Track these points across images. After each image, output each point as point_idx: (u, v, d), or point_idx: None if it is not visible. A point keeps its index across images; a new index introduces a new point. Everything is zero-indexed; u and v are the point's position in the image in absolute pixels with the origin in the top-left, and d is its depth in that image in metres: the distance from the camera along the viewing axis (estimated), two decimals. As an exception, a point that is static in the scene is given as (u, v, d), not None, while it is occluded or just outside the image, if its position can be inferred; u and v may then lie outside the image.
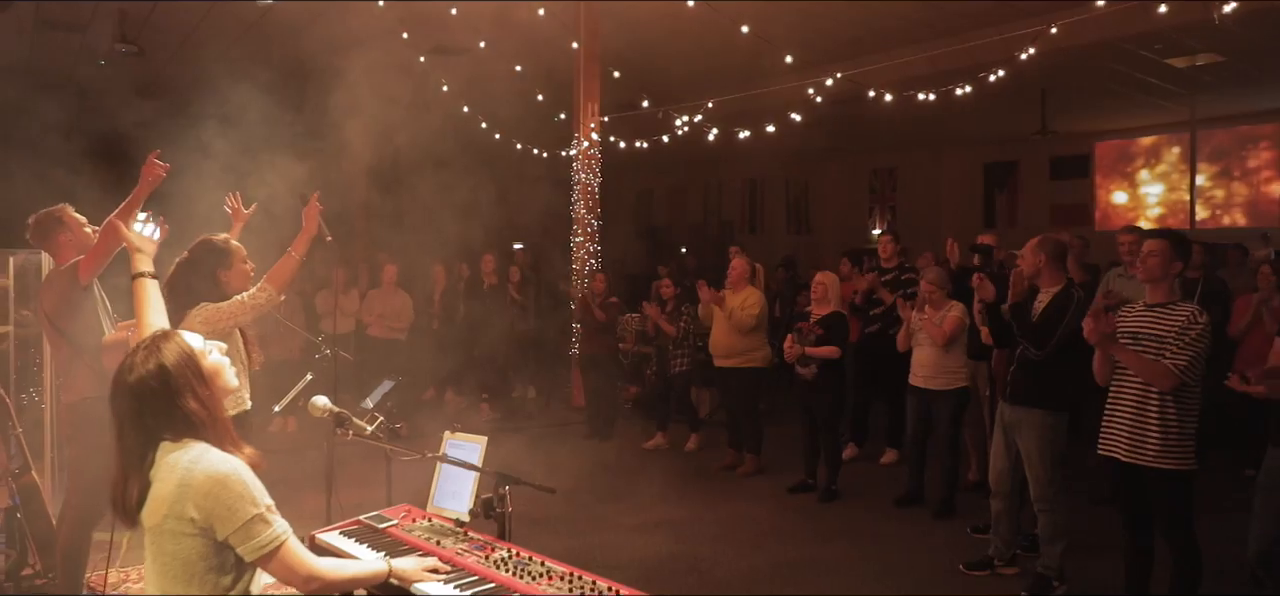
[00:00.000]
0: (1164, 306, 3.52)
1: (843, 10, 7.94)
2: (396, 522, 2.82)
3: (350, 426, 2.59)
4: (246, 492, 1.95)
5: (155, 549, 1.97)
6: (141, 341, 2.05)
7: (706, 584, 4.53)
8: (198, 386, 1.99)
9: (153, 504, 1.94)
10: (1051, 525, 4.24)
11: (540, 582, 2.30)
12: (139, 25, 9.20)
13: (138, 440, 1.95)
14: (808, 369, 5.93)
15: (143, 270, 2.48)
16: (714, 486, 6.40)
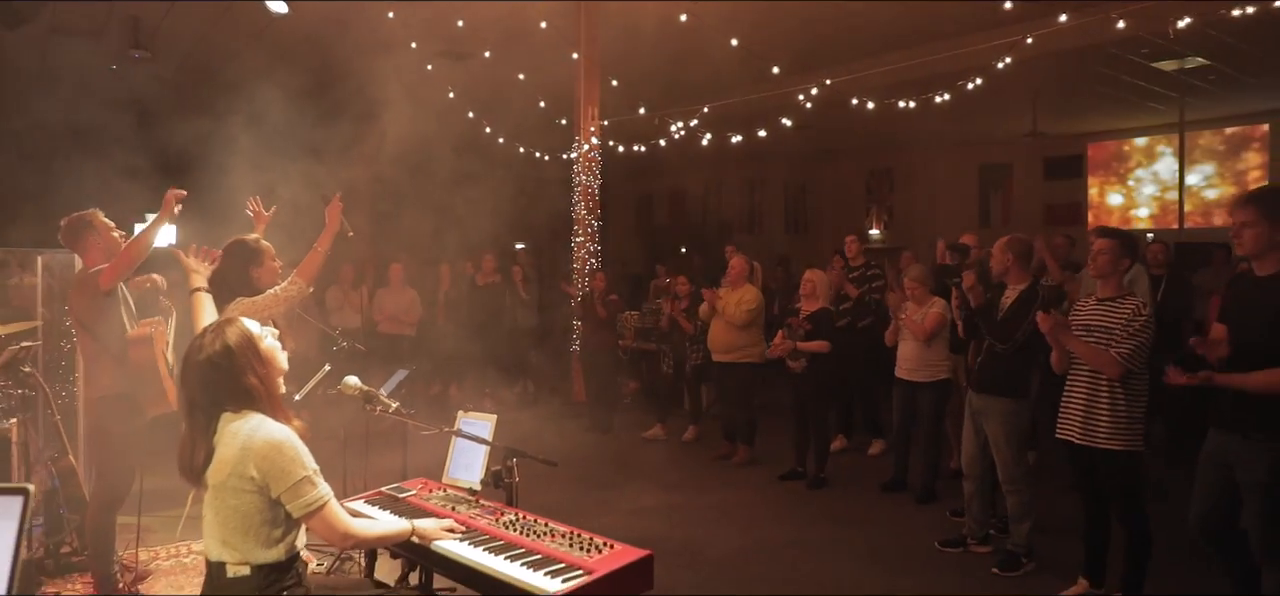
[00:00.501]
0: (1113, 300, 3.86)
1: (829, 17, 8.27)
2: (414, 493, 3.16)
3: (378, 403, 2.93)
4: (297, 457, 2.29)
5: (218, 504, 2.31)
6: (209, 326, 2.39)
7: (700, 562, 4.86)
8: (257, 365, 2.34)
9: (217, 465, 2.29)
10: (1019, 505, 4.58)
11: (544, 539, 2.64)
12: (151, 32, 9.55)
13: (204, 410, 2.30)
14: (797, 362, 6.26)
15: (197, 286, 2.86)
16: (709, 474, 6.74)
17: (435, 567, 2.74)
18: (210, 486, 2.32)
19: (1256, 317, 3.32)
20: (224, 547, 2.32)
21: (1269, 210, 3.28)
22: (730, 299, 6.86)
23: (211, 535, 2.35)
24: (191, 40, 9.52)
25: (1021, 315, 4.42)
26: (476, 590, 2.57)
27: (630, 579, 2.47)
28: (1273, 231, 3.27)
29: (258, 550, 2.32)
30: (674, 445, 7.71)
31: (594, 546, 2.58)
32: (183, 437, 2.34)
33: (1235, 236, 3.40)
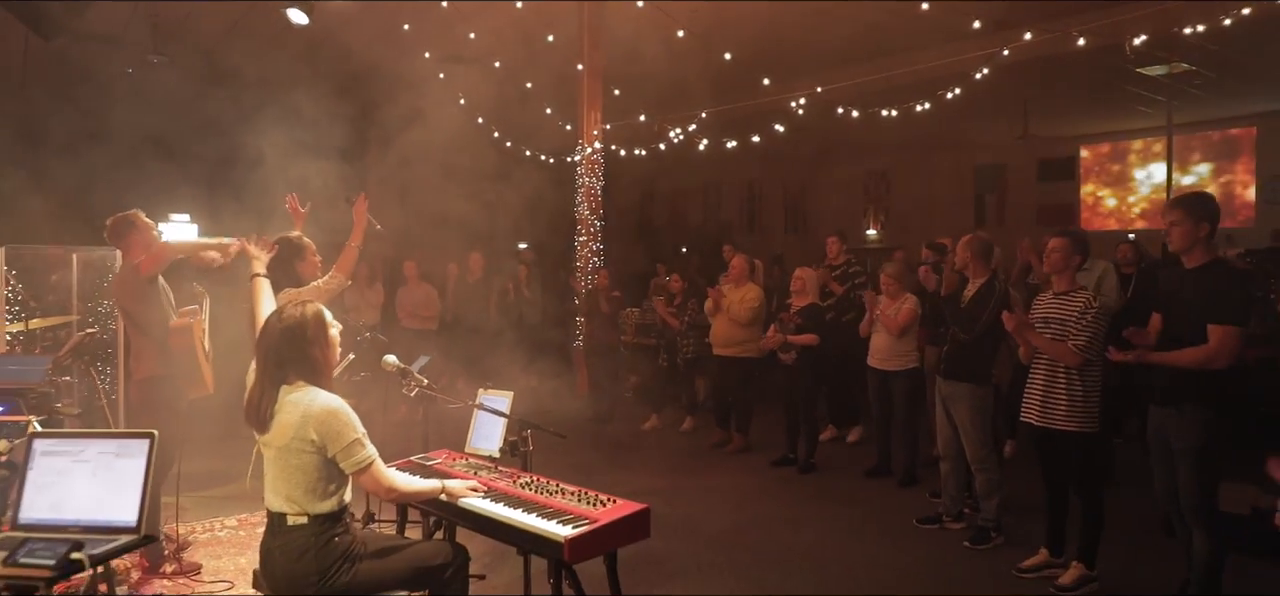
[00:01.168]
0: (1066, 293, 4.30)
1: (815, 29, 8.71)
2: (439, 462, 3.61)
3: (412, 380, 3.37)
4: (350, 423, 2.75)
5: (282, 463, 2.76)
6: (290, 301, 2.85)
7: (697, 535, 5.30)
8: (322, 343, 2.79)
9: (280, 430, 2.73)
10: (987, 483, 5.02)
11: (556, 497, 3.09)
12: (168, 38, 10.00)
13: (275, 368, 2.75)
14: (788, 355, 6.71)
15: (258, 272, 3.32)
16: (705, 461, 7.19)
17: (461, 522, 3.18)
18: (273, 448, 2.77)
19: (1185, 304, 3.78)
20: (286, 500, 2.77)
21: (1193, 211, 3.73)
22: (734, 296, 7.29)
23: (274, 490, 2.80)
24: (211, 45, 9.94)
25: (981, 307, 4.87)
26: (498, 538, 3.01)
27: (629, 527, 2.91)
28: (1196, 229, 3.72)
29: (314, 502, 2.77)
30: (672, 434, 8.16)
31: (599, 501, 3.02)
32: (251, 388, 2.80)
33: (1167, 234, 3.85)
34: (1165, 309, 3.91)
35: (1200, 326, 3.67)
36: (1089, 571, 4.34)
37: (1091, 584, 4.32)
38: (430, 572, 2.95)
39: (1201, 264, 3.79)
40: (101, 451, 2.36)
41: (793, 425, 6.90)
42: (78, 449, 2.39)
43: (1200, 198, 3.83)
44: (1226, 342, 3.59)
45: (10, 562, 2.05)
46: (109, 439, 2.44)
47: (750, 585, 4.49)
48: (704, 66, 8.88)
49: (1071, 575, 4.35)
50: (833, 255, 7.77)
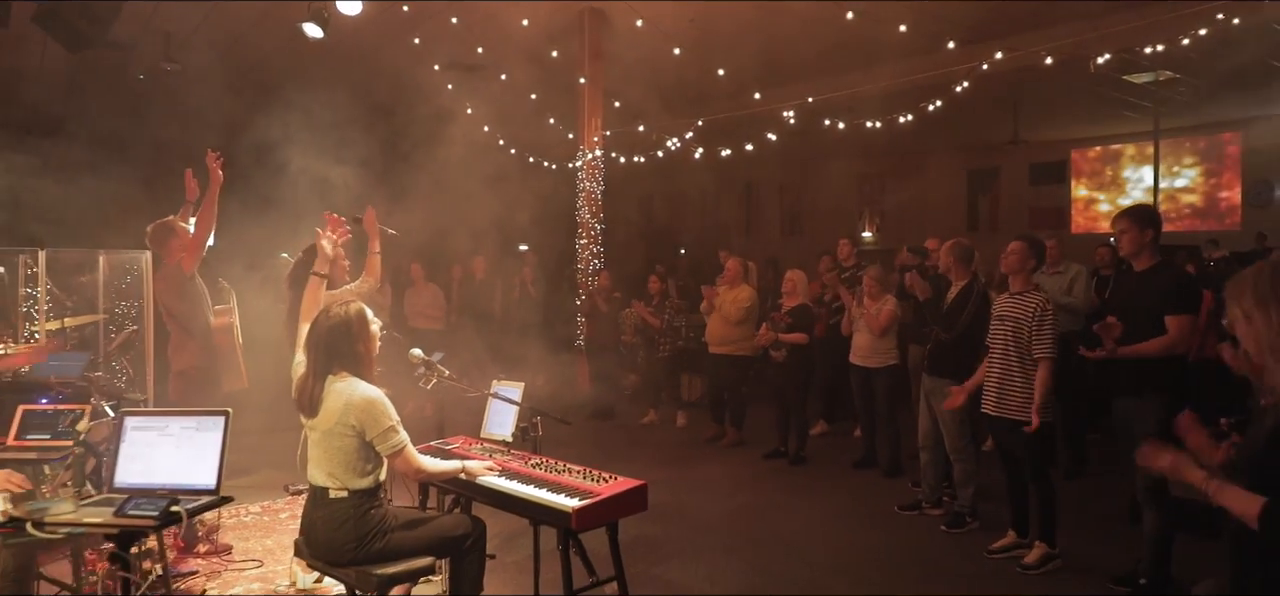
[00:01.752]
0: (1022, 293, 4.71)
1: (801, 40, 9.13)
2: (457, 446, 4.01)
3: (435, 371, 3.76)
4: (386, 411, 3.14)
5: (326, 444, 3.15)
6: (337, 301, 3.24)
7: (692, 521, 5.70)
8: (365, 338, 3.20)
9: (325, 415, 3.13)
10: (963, 472, 5.42)
11: (563, 475, 3.49)
12: (182, 45, 10.38)
13: (324, 360, 3.15)
14: (779, 353, 7.11)
15: (319, 271, 3.72)
16: (700, 454, 7.59)
17: (478, 498, 3.57)
18: (319, 431, 3.16)
19: (1138, 302, 4.19)
20: (328, 476, 3.17)
21: (1138, 220, 4.15)
22: (727, 297, 7.70)
23: (317, 466, 3.20)
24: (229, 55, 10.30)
25: (961, 307, 5.27)
26: (513, 511, 3.41)
27: (629, 500, 3.31)
28: (1142, 235, 4.14)
29: (353, 479, 3.16)
30: (670, 429, 8.57)
31: (601, 478, 3.42)
32: (302, 376, 3.19)
33: (1116, 241, 4.26)
34: (1120, 311, 4.31)
35: (1157, 320, 4.08)
36: (1051, 550, 4.74)
37: (1054, 561, 4.72)
38: (452, 542, 3.35)
39: (1150, 266, 4.20)
40: (183, 427, 2.77)
41: (783, 419, 7.30)
42: (163, 424, 2.80)
43: (1144, 208, 4.26)
44: (1184, 329, 4.02)
45: (120, 513, 2.46)
46: (190, 416, 2.85)
47: (743, 565, 4.89)
48: (698, 79, 9.29)
49: (1035, 554, 4.75)
50: (845, 257, 8.13)
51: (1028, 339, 4.62)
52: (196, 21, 9.78)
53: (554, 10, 9.05)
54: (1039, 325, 4.58)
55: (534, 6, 8.37)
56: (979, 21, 8.25)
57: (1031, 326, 4.60)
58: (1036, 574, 4.67)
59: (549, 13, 8.87)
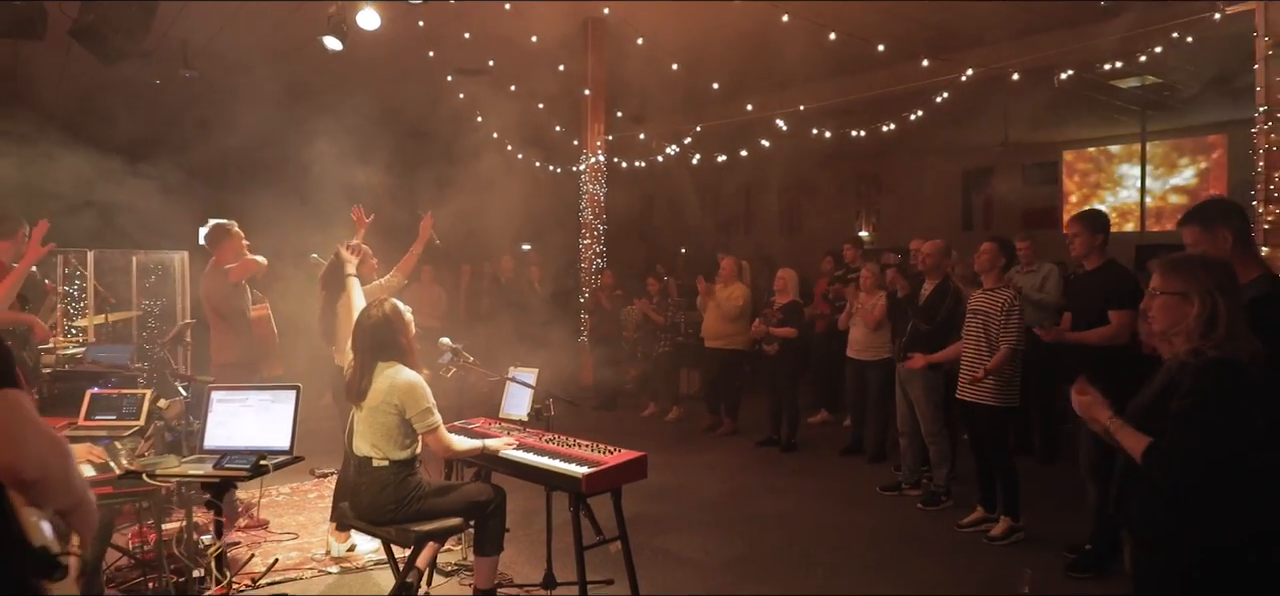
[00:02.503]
0: (993, 290, 5.24)
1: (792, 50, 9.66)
2: (478, 426, 4.54)
3: (462, 355, 4.29)
4: (425, 394, 3.67)
5: (371, 420, 3.67)
6: (376, 300, 3.77)
7: (690, 500, 6.23)
8: (403, 330, 3.72)
9: (372, 395, 3.65)
10: (938, 453, 5.94)
11: (574, 448, 4.01)
12: (199, 52, 10.90)
13: (369, 353, 3.67)
14: (772, 346, 7.64)
15: (350, 273, 4.25)
16: (698, 442, 8.13)
17: (497, 468, 4.09)
18: (366, 409, 3.69)
19: (1087, 299, 4.71)
20: (372, 447, 3.70)
21: (1089, 225, 4.67)
22: (722, 293, 8.23)
23: (363, 439, 3.72)
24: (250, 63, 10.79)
25: (938, 302, 5.80)
26: (529, 479, 3.93)
27: (632, 469, 3.82)
28: (1093, 239, 4.66)
29: (394, 451, 3.69)
30: (667, 420, 9.10)
31: (607, 450, 3.94)
32: (352, 370, 3.72)
33: (1069, 244, 4.78)
34: (1072, 306, 4.83)
35: (1102, 314, 4.60)
36: (1016, 523, 5.26)
37: (1018, 533, 5.25)
38: (478, 506, 3.87)
39: (1098, 265, 4.72)
40: (261, 399, 3.31)
41: (775, 409, 7.82)
42: (243, 397, 3.33)
43: (1095, 213, 4.77)
44: (1124, 322, 4.53)
45: (219, 466, 2.99)
46: (266, 389, 3.38)
47: (735, 537, 5.41)
48: (695, 87, 9.81)
49: (1001, 527, 5.27)
50: (851, 258, 8.65)
51: (997, 331, 5.14)
52: (214, 29, 10.29)
53: (559, 19, 9.57)
54: (1006, 318, 5.10)
55: (541, 19, 8.90)
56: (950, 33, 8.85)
57: (1000, 319, 5.12)
58: (1001, 544, 5.20)
59: (553, 22, 9.39)
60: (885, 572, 4.84)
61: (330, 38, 8.12)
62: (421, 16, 7.59)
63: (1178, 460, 2.61)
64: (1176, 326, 2.75)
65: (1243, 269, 3.30)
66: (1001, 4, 8.38)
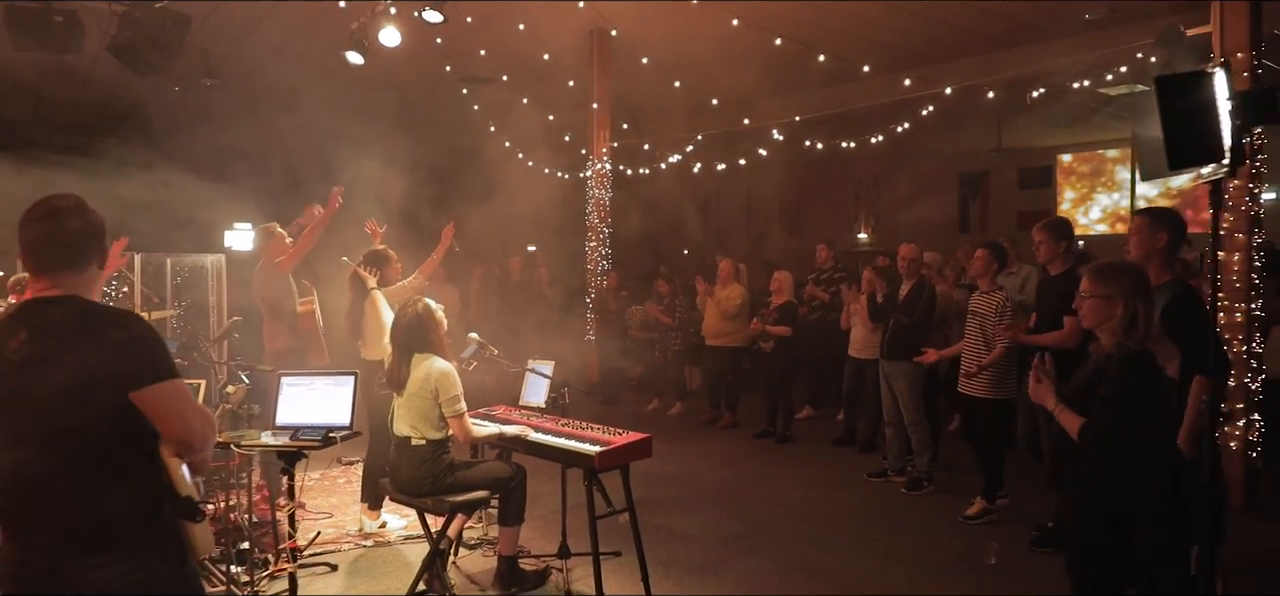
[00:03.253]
0: (987, 292, 5.77)
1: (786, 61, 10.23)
2: (500, 413, 5.08)
3: (488, 347, 4.83)
4: (455, 382, 4.21)
5: (410, 405, 4.21)
6: (412, 299, 4.31)
7: (691, 485, 6.77)
8: (435, 326, 4.27)
9: (412, 382, 4.20)
10: (920, 441, 6.48)
11: (587, 430, 4.55)
12: (219, 59, 11.44)
13: (407, 346, 4.22)
14: (768, 344, 8.18)
15: (372, 286, 4.80)
16: (699, 434, 8.67)
17: (516, 448, 4.62)
18: (406, 395, 4.23)
19: (1049, 302, 5.23)
20: (411, 429, 4.24)
21: (1054, 233, 5.19)
22: (721, 294, 8.77)
23: (403, 421, 4.26)
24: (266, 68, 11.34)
25: (916, 299, 6.33)
26: (547, 458, 4.47)
27: (638, 448, 4.35)
28: (1056, 246, 5.18)
29: (430, 431, 4.23)
30: (671, 414, 9.64)
31: (616, 432, 4.47)
32: (391, 362, 4.26)
33: (1035, 250, 5.31)
34: (1038, 308, 5.36)
35: (1059, 318, 5.12)
36: (989, 505, 5.79)
37: (991, 514, 5.78)
38: (502, 481, 4.41)
39: (1062, 271, 5.24)
40: (325, 383, 3.85)
41: (772, 403, 8.36)
42: (309, 382, 3.87)
43: (1060, 222, 5.30)
44: (1075, 328, 5.04)
45: (295, 437, 3.53)
46: (329, 375, 3.92)
47: (732, 517, 5.95)
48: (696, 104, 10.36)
49: (976, 508, 5.81)
50: (821, 261, 9.23)
51: (992, 330, 5.66)
52: (236, 37, 10.84)
53: (565, 30, 10.11)
54: (1000, 318, 5.63)
55: (549, 33, 9.45)
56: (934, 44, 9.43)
57: (995, 319, 5.64)
58: (975, 523, 5.73)
59: (563, 39, 9.94)
60: (867, 546, 5.38)
61: (352, 52, 8.67)
62: (439, 34, 8.11)
63: (1106, 436, 3.15)
64: (1103, 324, 3.30)
65: (1163, 271, 3.85)
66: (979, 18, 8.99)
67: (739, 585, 4.75)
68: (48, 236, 2.14)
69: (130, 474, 2.17)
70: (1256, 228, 6.19)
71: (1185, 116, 2.29)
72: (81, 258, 2.18)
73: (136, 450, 2.17)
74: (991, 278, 5.89)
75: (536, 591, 4.59)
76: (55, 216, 2.17)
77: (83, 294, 2.17)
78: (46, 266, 2.15)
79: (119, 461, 2.14)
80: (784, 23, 8.89)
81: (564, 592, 4.57)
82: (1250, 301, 6.13)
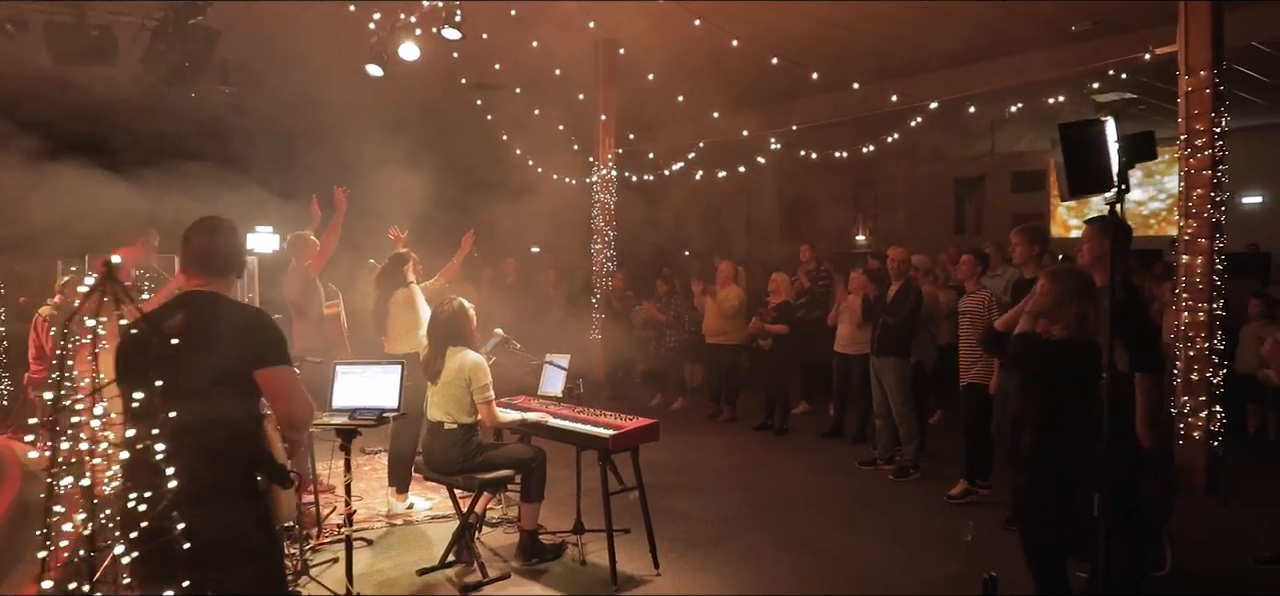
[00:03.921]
0: (974, 292, 6.34)
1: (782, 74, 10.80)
2: (520, 402, 5.61)
3: (509, 345, 5.36)
4: (485, 372, 4.75)
5: (444, 392, 4.75)
6: (448, 298, 4.85)
7: (694, 472, 7.31)
8: (467, 321, 4.80)
9: (446, 372, 4.73)
10: (907, 431, 7.01)
11: (601, 416, 5.08)
12: (239, 68, 11.96)
13: (442, 341, 4.75)
14: (766, 342, 8.72)
15: (410, 280, 5.33)
16: (700, 428, 9.21)
17: (536, 433, 5.15)
18: (440, 384, 4.76)
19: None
20: (444, 414, 4.77)
21: (1028, 236, 5.73)
22: (721, 294, 9.31)
23: (437, 407, 4.80)
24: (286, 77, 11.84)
25: (902, 300, 6.87)
26: (565, 441, 5.00)
27: (647, 432, 4.89)
28: (1030, 249, 5.72)
29: (461, 416, 4.77)
30: (673, 410, 10.18)
31: (627, 417, 5.02)
32: (428, 353, 4.80)
33: (1011, 252, 5.84)
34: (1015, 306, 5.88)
35: None
36: (970, 486, 6.33)
37: (971, 495, 6.32)
38: (524, 462, 4.94)
39: (1036, 274, 5.77)
40: (375, 371, 4.39)
41: (769, 398, 8.90)
42: (361, 371, 4.41)
43: (1035, 227, 5.84)
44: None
45: (353, 417, 4.06)
46: (377, 365, 4.45)
47: (732, 499, 6.49)
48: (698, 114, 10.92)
49: (958, 489, 6.35)
50: (805, 260, 9.82)
51: (982, 325, 6.17)
52: (256, 45, 11.36)
53: (571, 42, 10.64)
54: (988, 314, 6.17)
55: (558, 47, 9.99)
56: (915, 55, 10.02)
57: (984, 315, 6.18)
58: (956, 503, 6.27)
59: (569, 46, 10.48)
60: (857, 525, 5.91)
61: (372, 65, 9.20)
62: (456, 48, 8.63)
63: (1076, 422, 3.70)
64: (1057, 319, 3.85)
65: (1106, 273, 4.38)
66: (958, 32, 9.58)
67: (740, 557, 5.28)
68: (204, 246, 2.77)
69: (242, 438, 2.70)
70: (1218, 234, 6.70)
71: (1084, 155, 2.83)
72: (226, 265, 2.82)
73: (250, 420, 2.71)
74: (977, 279, 6.44)
75: (554, 562, 5.12)
76: (212, 233, 2.76)
77: (224, 292, 2.74)
78: (201, 268, 2.76)
79: (235, 426, 2.67)
80: (781, 47, 9.45)
81: (580, 562, 5.10)
82: (1212, 301, 6.66)
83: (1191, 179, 6.80)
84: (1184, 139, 6.84)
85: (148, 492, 2.56)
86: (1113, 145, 2.86)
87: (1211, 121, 6.71)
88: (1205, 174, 6.71)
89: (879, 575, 5.06)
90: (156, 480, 2.60)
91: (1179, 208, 6.97)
